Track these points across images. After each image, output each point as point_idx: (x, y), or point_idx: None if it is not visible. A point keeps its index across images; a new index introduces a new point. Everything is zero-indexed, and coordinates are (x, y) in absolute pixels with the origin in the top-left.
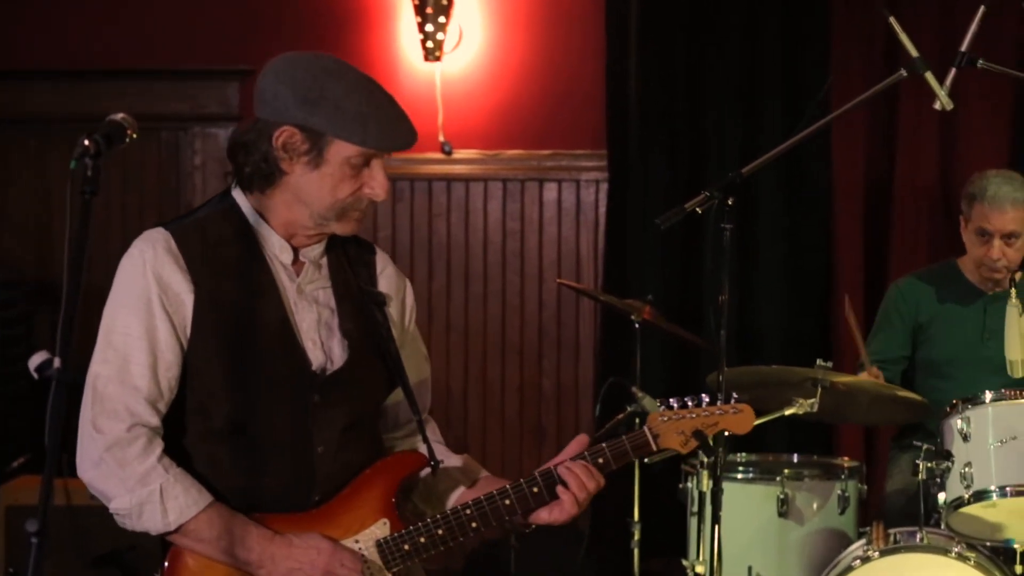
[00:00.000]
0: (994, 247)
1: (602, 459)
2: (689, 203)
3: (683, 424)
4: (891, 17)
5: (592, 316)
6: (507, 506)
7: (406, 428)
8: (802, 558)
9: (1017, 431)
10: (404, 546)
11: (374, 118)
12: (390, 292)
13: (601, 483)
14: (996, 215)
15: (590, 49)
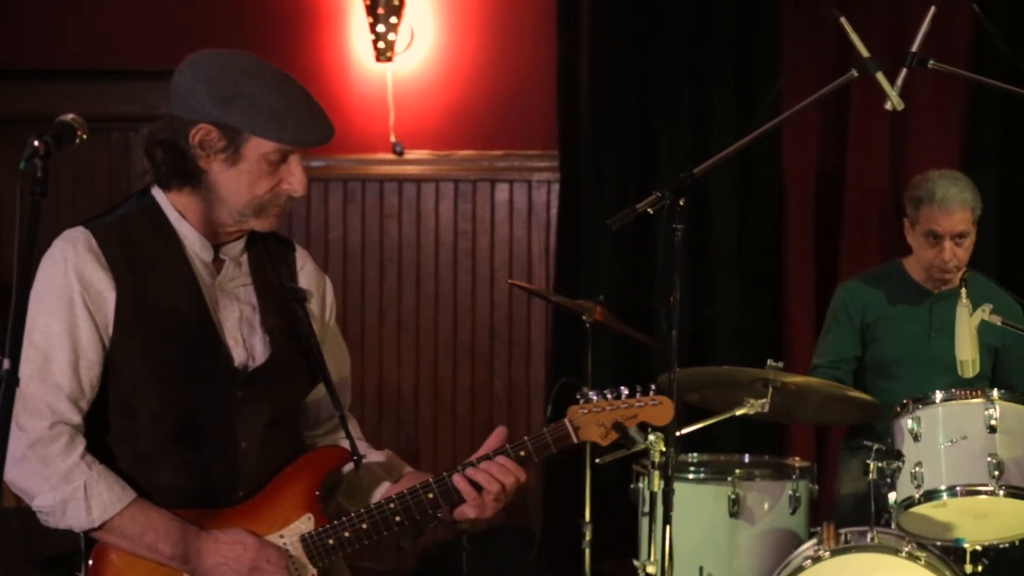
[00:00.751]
0: (945, 249)
1: (524, 452)
2: (640, 204)
3: (603, 416)
4: (842, 18)
5: (543, 316)
6: (430, 500)
7: (326, 425)
8: (753, 558)
9: (967, 431)
10: (329, 541)
11: (291, 114)
12: (310, 288)
13: (522, 477)
14: (945, 217)
15: (541, 50)
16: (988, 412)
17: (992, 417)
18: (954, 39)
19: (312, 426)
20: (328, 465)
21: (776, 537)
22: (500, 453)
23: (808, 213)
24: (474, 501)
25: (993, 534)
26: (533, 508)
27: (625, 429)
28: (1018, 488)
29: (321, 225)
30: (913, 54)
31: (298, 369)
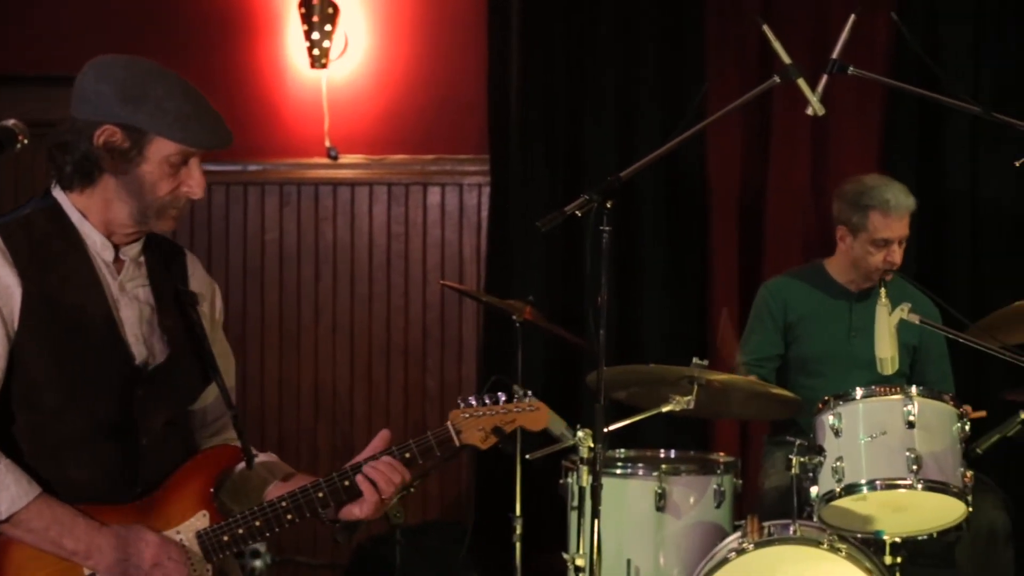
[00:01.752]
0: (895, 252)
1: (409, 454)
2: (569, 206)
3: (483, 421)
4: (764, 25)
5: (475, 316)
6: (320, 498)
7: (213, 427)
8: (679, 551)
9: (887, 426)
10: (223, 537)
11: (194, 118)
12: (202, 292)
13: (407, 478)
14: (896, 223)
15: (472, 57)
16: (907, 408)
17: (911, 413)
18: (873, 46)
19: (199, 427)
20: (223, 464)
21: (701, 530)
22: (386, 455)
23: (732, 215)
24: (370, 499)
25: (911, 527)
26: (465, 503)
27: (504, 433)
28: (935, 482)
29: (257, 228)
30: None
31: (194, 369)
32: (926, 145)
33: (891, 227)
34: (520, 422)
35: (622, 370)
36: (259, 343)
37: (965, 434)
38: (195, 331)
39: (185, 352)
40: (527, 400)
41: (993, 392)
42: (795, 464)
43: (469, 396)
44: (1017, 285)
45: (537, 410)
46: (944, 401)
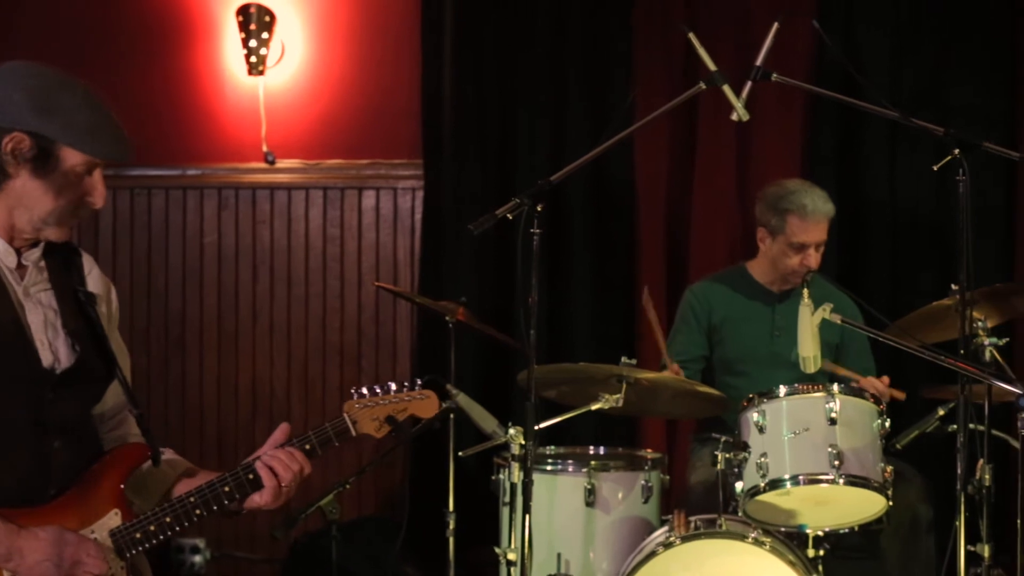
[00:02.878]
0: (811, 256)
1: (308, 445)
2: (500, 209)
3: (376, 411)
4: (690, 34)
5: (408, 317)
6: (227, 492)
7: (111, 423)
8: (609, 545)
9: (810, 423)
10: (136, 534)
11: (102, 129)
12: (99, 292)
13: (307, 469)
14: (813, 228)
15: (406, 63)
16: (829, 405)
17: (832, 410)
18: (795, 53)
19: (99, 424)
20: (132, 463)
21: (630, 525)
22: (287, 446)
23: (659, 218)
24: (272, 489)
25: (833, 520)
26: (399, 499)
27: (397, 422)
28: (857, 477)
29: (196, 231)
30: (757, 67)
31: (99, 369)
32: (847, 149)
33: (808, 232)
34: (412, 410)
35: (552, 369)
36: (198, 343)
37: (885, 430)
38: (96, 331)
39: (90, 353)
40: (417, 389)
41: (912, 389)
42: (721, 460)
43: (362, 387)
44: (935, 285)
45: (428, 398)
46: (864, 398)
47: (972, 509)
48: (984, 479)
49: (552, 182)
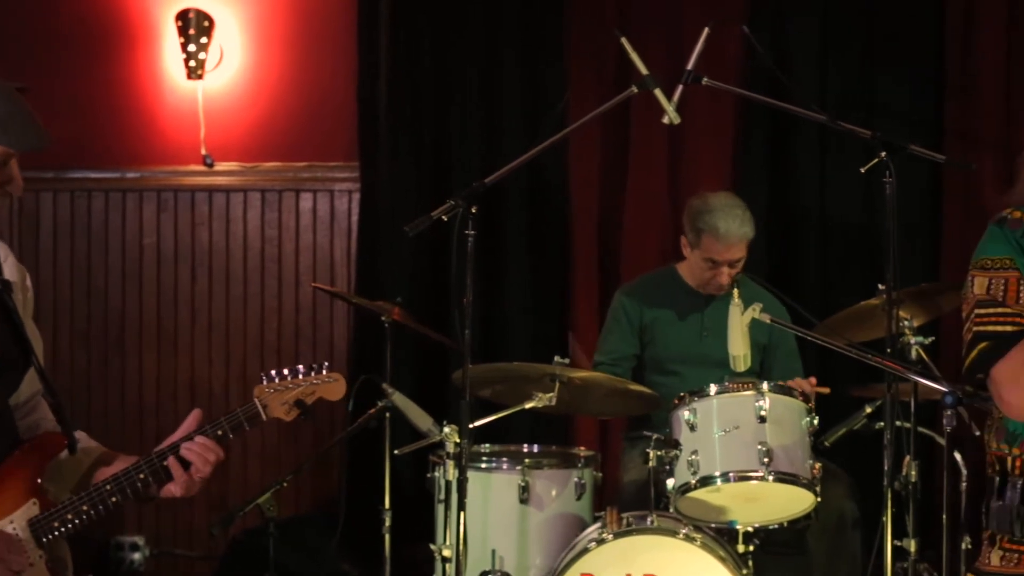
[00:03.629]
0: (723, 274)
1: (220, 431)
2: (436, 211)
3: (286, 395)
4: (622, 38)
5: (345, 317)
6: (142, 479)
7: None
8: (542, 541)
9: (740, 421)
10: (54, 523)
11: (16, 120)
12: (14, 280)
13: (221, 455)
14: (724, 249)
15: (342, 67)
16: (758, 403)
17: (762, 408)
18: (726, 57)
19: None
20: (49, 453)
21: (563, 521)
22: (200, 434)
23: (592, 219)
24: (183, 480)
25: (763, 516)
26: (336, 497)
27: (306, 405)
28: (786, 474)
29: (136, 233)
30: (688, 71)
31: (16, 358)
32: (777, 151)
33: (720, 253)
34: (320, 393)
35: (487, 368)
36: (138, 343)
37: (814, 427)
38: (13, 319)
39: (7, 342)
40: (325, 372)
41: (840, 388)
42: (652, 458)
43: (272, 371)
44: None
45: (336, 381)
46: (793, 396)
47: (898, 505)
48: (910, 475)
49: (487, 184)
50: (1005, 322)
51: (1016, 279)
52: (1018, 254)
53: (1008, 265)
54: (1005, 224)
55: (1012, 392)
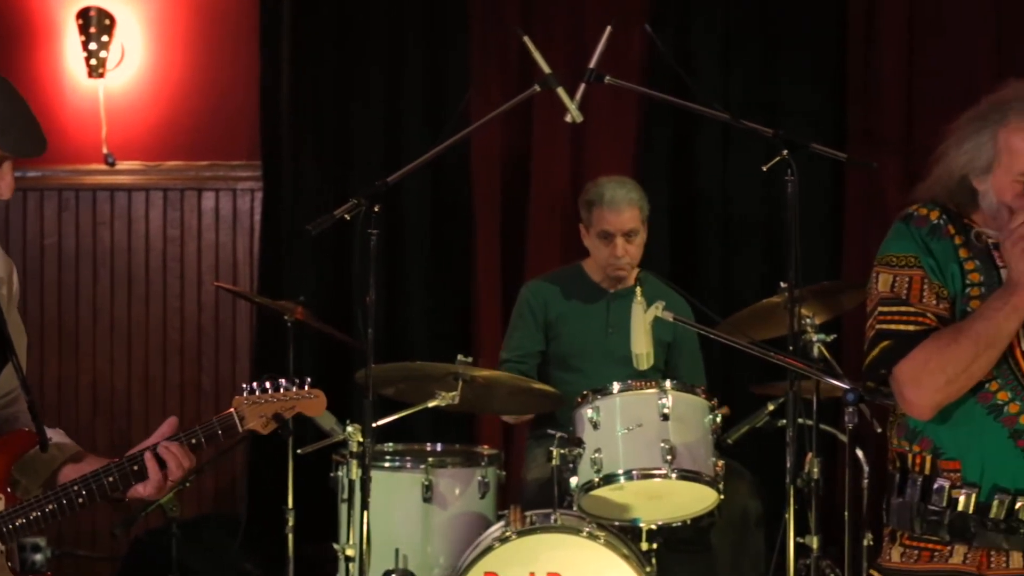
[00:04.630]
0: (617, 245)
1: (195, 440)
2: (338, 210)
3: (264, 408)
4: (525, 36)
5: (248, 317)
6: (111, 483)
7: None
8: (446, 540)
9: (643, 419)
10: (18, 521)
11: (15, 124)
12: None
13: (193, 462)
14: (615, 216)
15: (244, 66)
16: (661, 401)
17: (665, 406)
18: (629, 56)
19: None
20: (19, 449)
21: (467, 520)
22: (174, 440)
23: (495, 218)
24: (157, 480)
25: (667, 514)
26: (239, 496)
27: (284, 419)
28: (689, 471)
29: (37, 232)
30: (591, 70)
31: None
32: (680, 150)
33: (610, 220)
34: (300, 408)
35: (390, 367)
36: (39, 343)
37: (716, 425)
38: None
39: None
40: (306, 388)
41: (743, 385)
42: (556, 456)
43: (252, 383)
44: (764, 283)
45: (316, 398)
46: (696, 394)
47: (801, 502)
48: (812, 472)
49: (389, 183)
50: (908, 321)
51: (920, 277)
52: (923, 252)
53: (913, 263)
54: (911, 221)
55: (913, 391)
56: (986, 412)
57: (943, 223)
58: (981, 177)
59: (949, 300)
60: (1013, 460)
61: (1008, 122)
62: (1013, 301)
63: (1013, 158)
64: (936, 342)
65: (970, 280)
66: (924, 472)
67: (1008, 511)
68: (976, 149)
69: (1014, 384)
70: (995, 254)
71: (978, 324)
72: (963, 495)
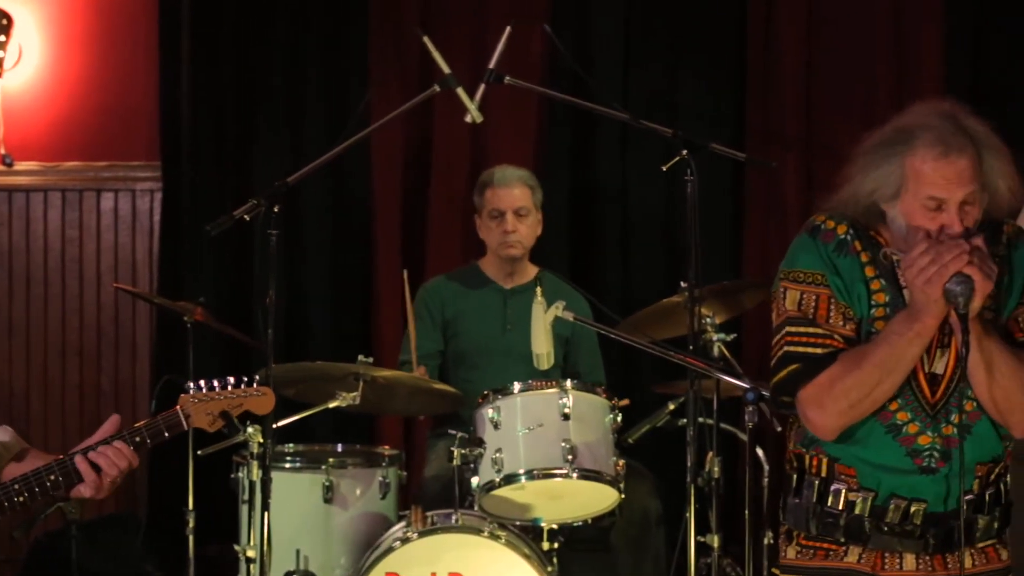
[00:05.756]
0: (508, 221)
1: (139, 438)
2: (238, 210)
3: (211, 405)
4: (424, 37)
5: (148, 318)
6: (52, 481)
7: None
8: (347, 541)
9: (543, 419)
10: None
11: None
12: None
13: (135, 462)
14: (505, 192)
15: (143, 65)
16: (562, 401)
17: (566, 406)
18: (530, 56)
19: None
20: None
21: (368, 520)
22: (117, 439)
23: (395, 218)
24: (92, 482)
25: (568, 513)
26: (139, 496)
27: (231, 417)
28: (589, 471)
29: None
30: (491, 70)
31: None
32: (580, 149)
33: (501, 196)
34: (247, 406)
35: (290, 368)
36: None
37: (617, 425)
38: None
39: None
40: (255, 385)
41: (644, 385)
42: (456, 456)
43: (200, 380)
44: (664, 283)
45: (264, 395)
46: (597, 394)
47: (702, 501)
48: (713, 471)
49: (289, 183)
50: (816, 344)
51: (827, 297)
52: (830, 271)
53: (820, 281)
54: (818, 235)
55: (817, 414)
56: (885, 431)
57: (850, 238)
58: (890, 203)
59: (855, 320)
60: (910, 477)
61: (915, 150)
62: (916, 328)
63: (920, 184)
64: (840, 367)
65: (875, 300)
66: (821, 474)
67: (903, 515)
68: (884, 177)
69: (914, 405)
70: (899, 273)
71: (881, 350)
72: (859, 498)
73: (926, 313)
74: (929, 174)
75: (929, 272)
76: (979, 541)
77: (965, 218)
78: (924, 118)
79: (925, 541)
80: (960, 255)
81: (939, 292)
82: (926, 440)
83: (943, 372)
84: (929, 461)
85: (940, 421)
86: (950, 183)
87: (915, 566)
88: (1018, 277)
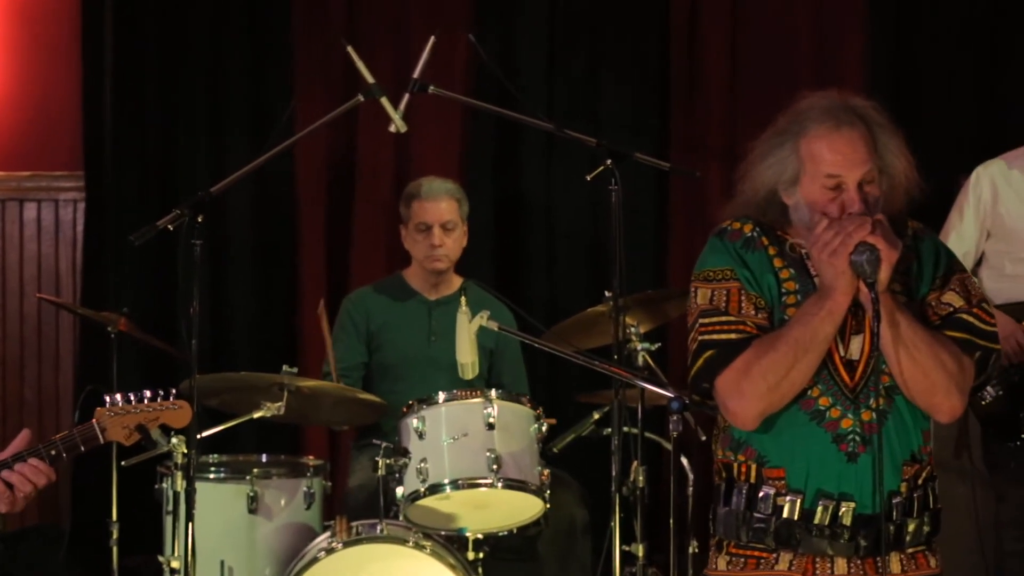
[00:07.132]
0: (435, 235)
1: (55, 451)
2: (161, 221)
3: (128, 419)
4: (349, 47)
5: (71, 328)
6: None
7: None
8: (272, 551)
9: (468, 428)
10: None
11: None
12: None
13: (52, 477)
14: (432, 206)
15: (65, 75)
16: (487, 411)
17: (491, 415)
18: (454, 65)
19: None
20: None
21: (292, 531)
22: (33, 454)
23: (320, 228)
24: (7, 499)
25: (493, 523)
26: (63, 507)
27: (147, 430)
28: (514, 480)
29: None
30: (415, 80)
31: None
32: (504, 159)
33: (428, 209)
34: (164, 419)
35: (215, 378)
36: None
37: (542, 434)
38: None
39: None
40: (171, 399)
41: (568, 394)
42: (381, 466)
43: (116, 394)
44: (589, 292)
45: (181, 408)
46: (522, 403)
47: (627, 510)
48: (638, 480)
49: (213, 193)
50: (729, 330)
51: (738, 289)
52: (738, 264)
53: (729, 276)
54: (725, 236)
55: (736, 401)
56: (809, 418)
57: (756, 235)
58: (790, 190)
59: (767, 310)
60: (836, 465)
61: (807, 131)
62: (827, 305)
63: (817, 164)
64: (755, 350)
65: (786, 288)
66: (750, 480)
67: (832, 517)
68: (780, 163)
69: (835, 390)
70: (808, 264)
71: (795, 330)
72: (788, 502)
73: (835, 289)
74: (824, 151)
75: (834, 244)
76: (909, 546)
77: (867, 198)
78: (813, 102)
79: (856, 544)
80: (863, 224)
81: (845, 263)
82: (848, 423)
83: (859, 357)
84: (852, 446)
85: (860, 406)
86: (846, 158)
87: (846, 570)
88: (927, 266)
